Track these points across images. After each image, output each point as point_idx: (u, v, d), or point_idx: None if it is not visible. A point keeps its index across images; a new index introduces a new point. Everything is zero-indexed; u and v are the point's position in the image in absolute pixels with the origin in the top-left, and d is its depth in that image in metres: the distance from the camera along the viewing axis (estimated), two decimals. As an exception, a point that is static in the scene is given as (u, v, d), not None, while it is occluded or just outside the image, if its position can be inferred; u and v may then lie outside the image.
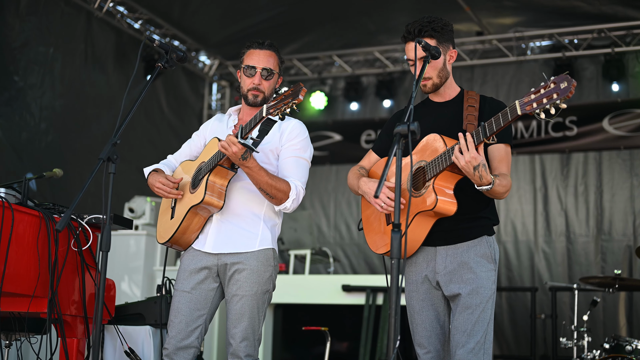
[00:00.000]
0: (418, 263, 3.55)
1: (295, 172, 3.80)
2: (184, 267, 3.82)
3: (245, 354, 3.68)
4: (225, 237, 3.78)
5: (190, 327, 3.73)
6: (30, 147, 7.44)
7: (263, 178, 3.63)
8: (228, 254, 3.75)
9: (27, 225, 3.76)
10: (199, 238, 3.84)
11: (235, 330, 3.68)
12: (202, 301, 3.76)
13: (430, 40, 3.52)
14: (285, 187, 3.69)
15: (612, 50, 8.74)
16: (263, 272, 3.74)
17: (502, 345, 8.78)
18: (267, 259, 3.77)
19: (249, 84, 3.88)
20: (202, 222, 3.82)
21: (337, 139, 10.14)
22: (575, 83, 2.90)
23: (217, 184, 3.72)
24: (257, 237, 3.79)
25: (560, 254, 8.84)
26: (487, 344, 3.39)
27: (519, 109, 3.04)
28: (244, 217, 3.80)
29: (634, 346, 5.76)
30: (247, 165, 3.57)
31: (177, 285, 3.82)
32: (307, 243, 8.04)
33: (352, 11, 8.68)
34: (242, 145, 3.51)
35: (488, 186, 3.23)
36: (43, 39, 7.65)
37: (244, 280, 3.70)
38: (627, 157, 8.73)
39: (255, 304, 3.71)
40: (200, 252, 3.81)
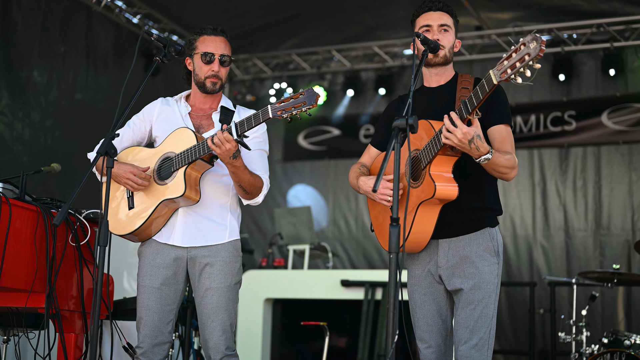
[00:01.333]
0: (420, 257, 3.53)
1: (261, 166, 3.82)
2: (149, 262, 3.75)
3: (226, 347, 3.65)
4: (195, 230, 3.73)
5: (163, 322, 3.70)
6: (34, 144, 7.43)
7: (246, 177, 3.63)
8: (198, 247, 3.71)
9: (24, 220, 3.75)
10: (163, 231, 3.77)
11: (215, 324, 3.65)
12: (172, 296, 3.72)
13: (449, 17, 3.59)
14: (260, 183, 3.73)
15: (611, 45, 8.73)
16: (234, 264, 3.74)
17: (501, 340, 8.78)
18: (237, 250, 3.78)
19: (207, 71, 3.82)
20: (168, 215, 3.75)
21: (335, 133, 10.13)
22: (544, 41, 2.87)
23: (192, 177, 3.68)
24: (227, 229, 3.78)
25: (559, 248, 8.84)
26: (490, 340, 3.38)
27: (495, 78, 3.02)
28: (212, 209, 3.77)
29: (632, 341, 5.77)
30: (235, 164, 3.55)
31: (142, 281, 3.74)
32: (305, 238, 8.04)
33: (350, 6, 8.66)
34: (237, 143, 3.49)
35: (487, 154, 3.20)
36: (45, 34, 7.63)
37: (217, 273, 3.67)
38: (626, 152, 8.73)
39: (230, 295, 3.69)
40: (165, 246, 3.74)
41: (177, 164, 3.67)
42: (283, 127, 10.26)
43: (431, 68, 3.62)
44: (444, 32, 3.56)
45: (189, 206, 3.73)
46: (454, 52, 3.63)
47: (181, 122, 3.85)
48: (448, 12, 3.60)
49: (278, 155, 10.29)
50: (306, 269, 7.91)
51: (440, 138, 3.21)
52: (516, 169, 3.37)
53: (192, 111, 3.92)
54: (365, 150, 3.89)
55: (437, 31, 3.55)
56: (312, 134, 10.22)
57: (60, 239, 3.90)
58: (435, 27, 3.55)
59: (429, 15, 3.59)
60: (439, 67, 3.60)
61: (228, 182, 3.79)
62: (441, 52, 3.54)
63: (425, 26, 3.58)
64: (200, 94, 3.90)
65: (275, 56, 10.18)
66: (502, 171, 3.33)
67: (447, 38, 3.56)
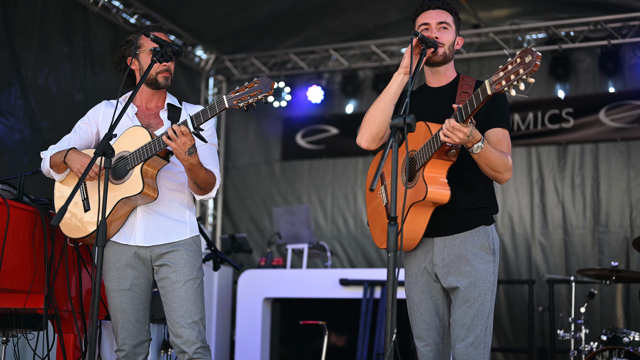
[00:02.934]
0: (417, 255, 3.54)
1: (212, 160, 3.82)
2: (113, 265, 3.72)
3: (201, 339, 3.63)
4: (156, 229, 3.73)
5: (140, 322, 3.72)
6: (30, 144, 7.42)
7: (202, 173, 3.65)
8: (162, 245, 3.72)
9: (22, 221, 3.75)
10: (123, 232, 3.75)
11: (185, 317, 3.62)
12: (143, 295, 3.74)
13: (449, 15, 3.58)
14: (213, 178, 3.75)
15: (608, 42, 8.73)
16: (197, 258, 3.76)
17: (500, 338, 8.79)
18: (198, 245, 3.81)
19: (158, 67, 3.78)
20: (126, 215, 3.73)
21: (333, 132, 10.13)
22: (539, 56, 2.88)
23: (149, 174, 3.67)
24: (187, 225, 3.80)
25: (557, 246, 8.85)
26: (487, 337, 3.37)
27: (489, 89, 3.03)
28: (170, 207, 3.78)
29: (631, 338, 5.77)
30: (191, 161, 3.54)
31: (111, 285, 3.71)
32: (304, 237, 8.03)
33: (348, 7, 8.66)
34: (194, 137, 3.48)
35: (480, 142, 3.20)
36: (42, 34, 7.62)
37: (182, 265, 3.68)
38: (624, 149, 8.73)
39: (197, 288, 3.69)
40: (127, 247, 3.73)
41: (133, 162, 3.64)
42: (281, 126, 10.26)
43: (432, 67, 3.61)
44: (443, 30, 3.55)
45: (148, 205, 3.73)
46: (455, 49, 3.62)
47: (129, 123, 3.82)
48: (447, 10, 3.59)
49: (276, 155, 10.29)
50: (305, 268, 7.91)
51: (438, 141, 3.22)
52: (510, 172, 3.36)
53: (138, 111, 3.89)
54: None
55: (436, 29, 3.54)
56: (310, 133, 10.22)
57: (59, 240, 3.90)
58: (434, 25, 3.55)
59: (428, 14, 3.58)
60: (440, 66, 3.59)
61: (183, 179, 3.81)
62: (440, 50, 3.53)
63: (424, 24, 3.57)
64: (147, 92, 3.87)
65: (272, 55, 10.17)
66: (496, 169, 3.33)
67: (446, 36, 3.55)
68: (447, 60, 3.59)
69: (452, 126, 3.16)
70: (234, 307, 8.06)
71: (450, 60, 3.61)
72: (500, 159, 3.31)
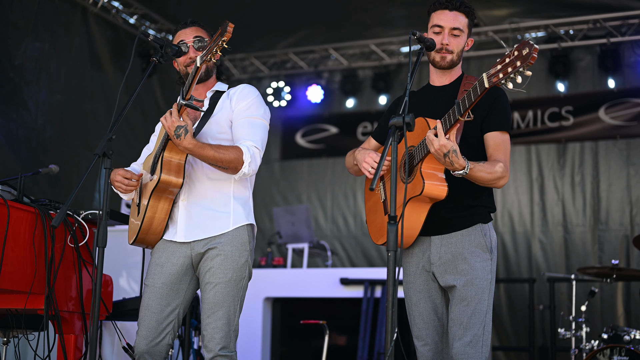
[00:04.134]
0: (414, 254, 3.53)
1: (246, 133, 3.58)
2: (155, 261, 3.64)
3: (220, 347, 3.47)
4: (196, 223, 3.59)
5: (162, 325, 3.56)
6: (27, 144, 7.42)
7: (208, 153, 3.42)
8: (201, 241, 3.57)
9: (23, 222, 3.75)
10: (169, 228, 3.65)
11: (209, 320, 3.49)
12: (173, 296, 3.58)
13: (465, 18, 3.53)
14: (235, 154, 3.47)
15: (607, 41, 8.73)
16: (238, 258, 3.55)
17: (500, 336, 8.79)
18: (243, 243, 3.58)
19: (183, 61, 3.71)
20: (167, 208, 3.61)
21: (333, 131, 10.14)
22: (537, 48, 2.86)
23: (174, 160, 3.53)
24: (230, 216, 3.60)
25: (558, 244, 8.85)
26: (485, 336, 3.36)
27: (486, 82, 3.02)
28: (212, 199, 3.61)
29: (632, 336, 5.77)
30: (183, 144, 3.38)
31: (146, 280, 3.64)
32: (304, 237, 8.04)
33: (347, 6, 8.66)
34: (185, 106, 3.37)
35: (462, 170, 3.19)
36: (39, 35, 7.63)
37: (217, 266, 3.51)
38: (624, 147, 8.74)
39: (230, 292, 3.51)
40: (171, 243, 3.63)
41: (157, 155, 3.59)
42: (281, 126, 10.27)
43: (439, 69, 3.61)
44: (454, 37, 3.50)
45: (189, 198, 3.61)
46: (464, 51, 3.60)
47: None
48: (465, 13, 3.53)
49: (276, 154, 10.30)
50: (305, 268, 7.92)
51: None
52: (505, 179, 3.34)
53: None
54: (366, 140, 3.88)
55: (448, 34, 3.48)
56: (310, 132, 10.23)
57: (59, 240, 3.90)
58: (447, 31, 3.48)
59: (444, 15, 3.51)
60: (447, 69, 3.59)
61: None
62: (448, 57, 3.51)
63: (437, 26, 3.51)
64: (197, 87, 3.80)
65: (272, 55, 10.18)
66: (485, 183, 3.34)
67: (457, 42, 3.51)
68: (454, 65, 3.58)
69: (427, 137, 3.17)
70: (234, 306, 8.05)
71: (457, 64, 3.60)
72: (491, 174, 3.29)
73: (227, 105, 3.67)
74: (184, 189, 3.63)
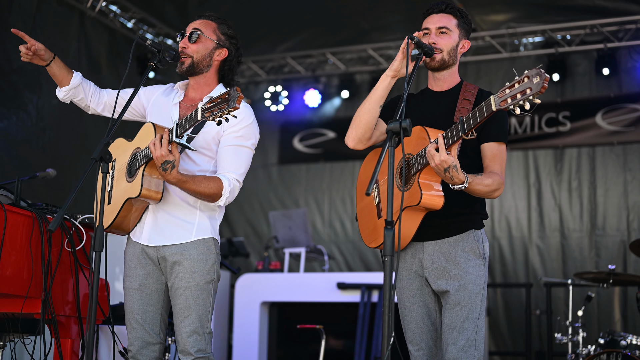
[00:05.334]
0: (407, 259, 3.53)
1: (231, 164, 3.57)
2: (128, 263, 3.66)
3: (195, 349, 3.47)
4: (161, 228, 3.59)
5: (148, 324, 3.58)
6: (25, 147, 7.42)
7: (189, 187, 3.43)
8: (165, 247, 3.57)
9: (20, 226, 3.74)
10: (136, 229, 3.67)
11: (182, 325, 3.49)
12: (153, 296, 3.60)
13: (452, 18, 3.55)
14: (215, 188, 3.48)
15: (604, 46, 8.75)
16: (204, 261, 3.54)
17: (497, 341, 8.79)
18: (208, 247, 3.57)
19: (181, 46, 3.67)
20: (140, 212, 3.63)
21: (330, 136, 10.15)
22: (548, 78, 2.87)
23: (154, 174, 3.50)
24: (194, 227, 3.59)
25: (555, 249, 8.86)
26: (477, 340, 3.37)
27: (494, 105, 3.03)
28: (180, 207, 3.60)
29: (628, 341, 5.78)
30: (167, 177, 3.36)
31: (124, 283, 3.66)
32: (301, 241, 8.04)
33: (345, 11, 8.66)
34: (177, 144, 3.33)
35: (461, 185, 3.21)
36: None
37: (185, 271, 3.51)
38: (621, 152, 8.75)
39: (200, 295, 3.51)
40: (138, 245, 3.64)
41: (139, 162, 3.55)
42: (278, 130, 10.27)
43: (434, 72, 3.61)
44: (442, 35, 3.53)
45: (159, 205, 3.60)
46: (459, 53, 3.61)
47: (168, 111, 3.73)
48: (450, 14, 3.57)
49: (274, 159, 10.30)
50: (302, 272, 7.91)
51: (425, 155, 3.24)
52: (500, 190, 3.36)
53: (183, 100, 3.78)
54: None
55: (435, 34, 3.53)
56: (307, 137, 10.24)
57: (56, 245, 3.90)
58: (433, 30, 3.53)
59: (430, 18, 3.57)
60: (442, 71, 3.59)
61: None
62: (437, 56, 3.52)
63: (425, 29, 3.56)
64: (191, 81, 3.78)
65: (269, 59, 10.19)
66: (481, 195, 3.36)
67: (445, 41, 3.53)
68: (446, 65, 3.57)
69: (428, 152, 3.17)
70: (231, 311, 8.06)
71: (451, 65, 3.58)
72: (488, 187, 3.32)
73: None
74: None
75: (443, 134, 3.20)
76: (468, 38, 3.65)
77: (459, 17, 3.59)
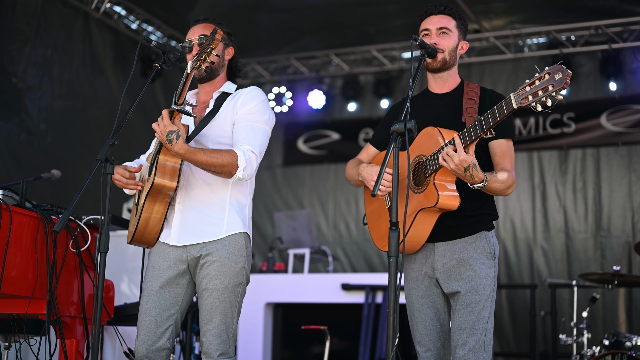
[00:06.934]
0: (417, 260, 3.54)
1: (245, 137, 3.52)
2: (152, 264, 3.61)
3: (219, 353, 3.46)
4: (190, 227, 3.55)
5: (160, 328, 3.53)
6: (29, 149, 7.43)
7: (200, 158, 3.38)
8: (195, 245, 3.53)
9: (25, 227, 3.75)
10: (164, 230, 3.61)
11: (208, 327, 3.48)
12: (171, 300, 3.55)
13: (451, 20, 3.58)
14: (229, 158, 3.41)
15: (609, 47, 8.74)
16: (234, 264, 3.51)
17: (502, 343, 8.78)
18: (239, 249, 3.53)
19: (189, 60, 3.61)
20: (163, 211, 3.58)
21: (335, 137, 10.14)
22: (570, 73, 2.88)
23: (169, 163, 3.49)
24: (224, 223, 3.54)
25: (559, 250, 8.85)
26: (487, 342, 3.37)
27: (515, 103, 3.03)
28: (208, 204, 3.57)
29: (633, 342, 5.76)
30: (175, 149, 3.33)
31: (144, 284, 3.61)
32: (306, 242, 8.04)
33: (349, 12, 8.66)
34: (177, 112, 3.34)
35: (481, 184, 3.22)
36: (41, 40, 7.64)
37: (214, 273, 3.48)
38: (625, 153, 8.74)
39: (228, 298, 3.48)
40: (167, 246, 3.59)
41: (153, 157, 3.55)
42: (283, 131, 10.27)
43: (434, 73, 3.62)
44: (443, 35, 3.55)
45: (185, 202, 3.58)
46: (458, 54, 3.62)
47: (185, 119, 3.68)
48: (449, 15, 3.59)
49: (278, 160, 10.31)
50: (306, 273, 7.91)
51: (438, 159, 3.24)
52: (513, 187, 3.38)
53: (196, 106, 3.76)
54: (364, 148, 3.88)
55: (435, 35, 3.55)
56: (311, 139, 10.24)
57: (61, 245, 3.90)
58: (434, 31, 3.56)
59: (429, 20, 3.59)
60: (442, 72, 3.59)
61: None
62: (439, 56, 3.54)
63: (425, 30, 3.58)
64: (202, 87, 3.77)
65: (274, 61, 10.19)
66: (496, 193, 3.37)
67: (445, 41, 3.55)
68: (447, 66, 3.58)
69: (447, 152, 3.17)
70: (235, 312, 8.04)
71: (451, 65, 3.60)
72: (503, 184, 3.33)
73: (231, 107, 3.62)
74: (181, 192, 3.60)
75: (459, 134, 3.20)
76: (466, 39, 3.67)
77: (458, 18, 3.62)
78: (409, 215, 3.36)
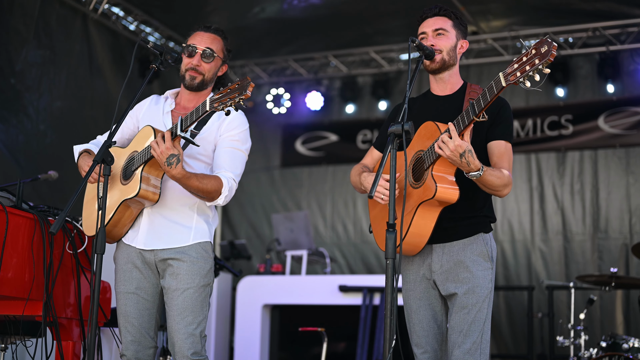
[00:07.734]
0: (415, 261, 3.54)
1: (229, 164, 3.62)
2: (121, 267, 3.65)
3: (192, 352, 3.49)
4: (158, 232, 3.61)
5: (144, 328, 3.60)
6: (27, 150, 7.42)
7: (193, 183, 3.45)
8: (162, 250, 3.59)
9: (21, 228, 3.75)
10: (130, 232, 3.66)
11: (179, 327, 3.51)
12: (149, 300, 3.62)
13: (447, 20, 3.59)
14: (216, 185, 3.52)
15: (607, 49, 8.74)
16: (203, 264, 3.59)
17: (499, 345, 8.78)
18: (205, 251, 3.62)
19: (187, 64, 3.69)
20: (134, 216, 3.63)
21: (333, 139, 10.14)
22: (555, 46, 2.88)
23: (152, 175, 3.53)
24: (191, 231, 3.62)
25: (557, 252, 8.85)
26: (483, 344, 3.38)
27: (503, 81, 3.04)
28: (177, 210, 3.63)
29: (630, 344, 5.77)
30: (172, 172, 3.36)
31: (117, 287, 3.65)
32: (303, 243, 8.03)
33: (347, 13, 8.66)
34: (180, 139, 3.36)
35: (477, 172, 3.21)
36: (39, 41, 7.63)
37: (184, 273, 3.54)
38: (623, 155, 8.74)
39: (198, 297, 3.54)
40: (133, 249, 3.64)
41: (137, 163, 3.55)
42: (281, 133, 10.27)
43: (435, 74, 3.62)
44: (439, 37, 3.56)
45: (154, 208, 3.62)
46: (458, 53, 3.63)
47: (161, 119, 3.74)
48: (445, 16, 3.60)
49: (276, 161, 10.30)
50: (304, 275, 7.91)
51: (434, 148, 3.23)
52: (509, 187, 3.37)
53: (175, 109, 3.79)
54: (368, 152, 3.90)
55: (432, 36, 3.57)
56: (309, 140, 10.23)
57: (58, 247, 3.90)
58: (430, 33, 3.57)
59: (426, 23, 3.61)
60: (443, 73, 3.60)
61: None
62: (438, 57, 3.54)
63: (422, 34, 3.60)
64: (185, 92, 3.78)
65: (272, 62, 10.19)
66: (494, 188, 3.36)
67: (442, 42, 3.56)
68: (447, 66, 3.59)
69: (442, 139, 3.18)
70: (233, 313, 8.05)
71: (451, 65, 3.61)
72: (500, 180, 3.32)
73: (215, 128, 3.68)
74: None
75: (454, 122, 3.21)
76: (465, 38, 3.67)
77: (454, 18, 3.64)
78: (409, 211, 3.36)
